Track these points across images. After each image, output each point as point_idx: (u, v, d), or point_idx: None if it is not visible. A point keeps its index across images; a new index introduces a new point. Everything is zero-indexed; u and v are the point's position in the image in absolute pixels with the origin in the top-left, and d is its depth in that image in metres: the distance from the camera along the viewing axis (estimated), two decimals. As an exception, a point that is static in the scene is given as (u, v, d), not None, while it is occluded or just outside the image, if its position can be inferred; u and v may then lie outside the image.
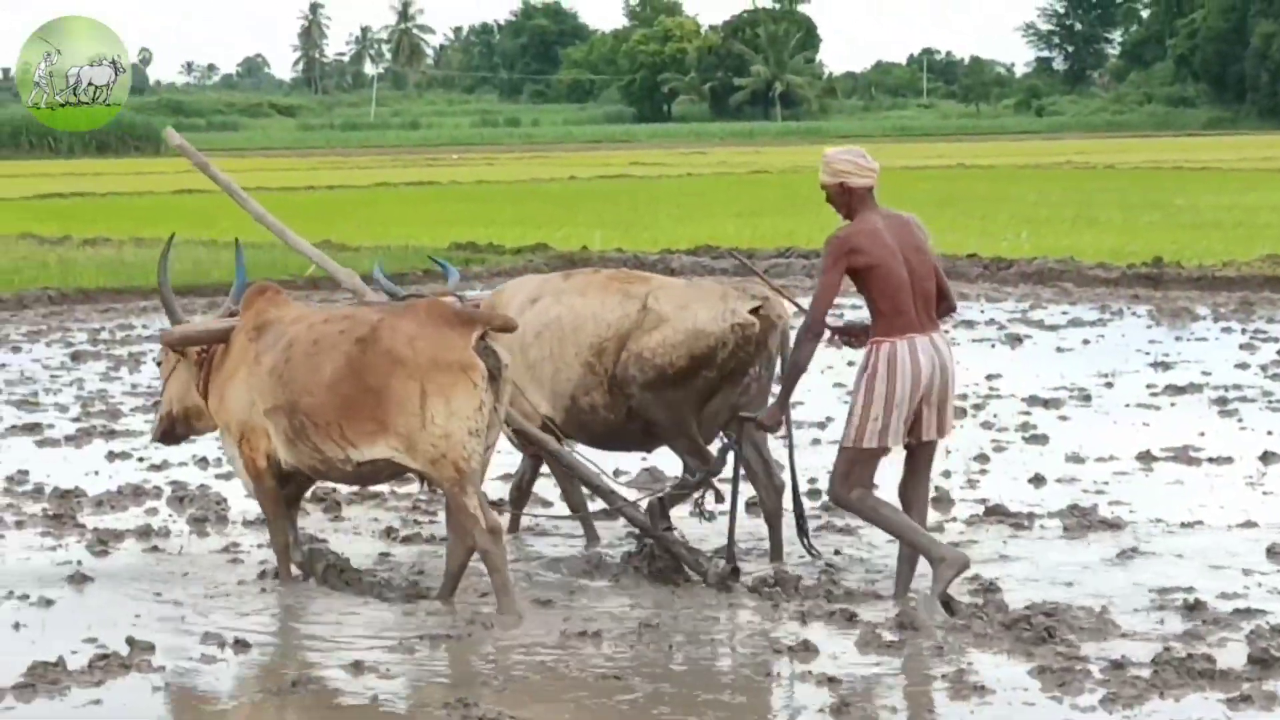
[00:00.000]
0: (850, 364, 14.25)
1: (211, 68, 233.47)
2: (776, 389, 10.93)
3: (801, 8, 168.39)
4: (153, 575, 11.34)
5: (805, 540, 11.18)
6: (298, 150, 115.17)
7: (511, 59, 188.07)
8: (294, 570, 11.05)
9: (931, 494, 11.20)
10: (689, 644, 9.53)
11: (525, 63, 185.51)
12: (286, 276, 27.81)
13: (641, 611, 10.17)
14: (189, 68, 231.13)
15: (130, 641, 9.54)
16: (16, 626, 10.13)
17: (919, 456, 10.48)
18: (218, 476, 14.21)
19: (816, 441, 15.34)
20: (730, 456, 11.34)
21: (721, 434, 11.55)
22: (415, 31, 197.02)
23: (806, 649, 9.38)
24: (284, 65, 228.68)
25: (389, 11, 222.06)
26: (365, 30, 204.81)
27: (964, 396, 17.16)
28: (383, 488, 13.03)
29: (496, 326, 10.37)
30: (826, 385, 18.17)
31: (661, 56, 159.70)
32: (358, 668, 9.18)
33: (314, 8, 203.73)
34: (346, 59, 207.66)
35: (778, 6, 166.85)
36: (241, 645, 9.61)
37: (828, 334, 10.52)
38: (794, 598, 10.43)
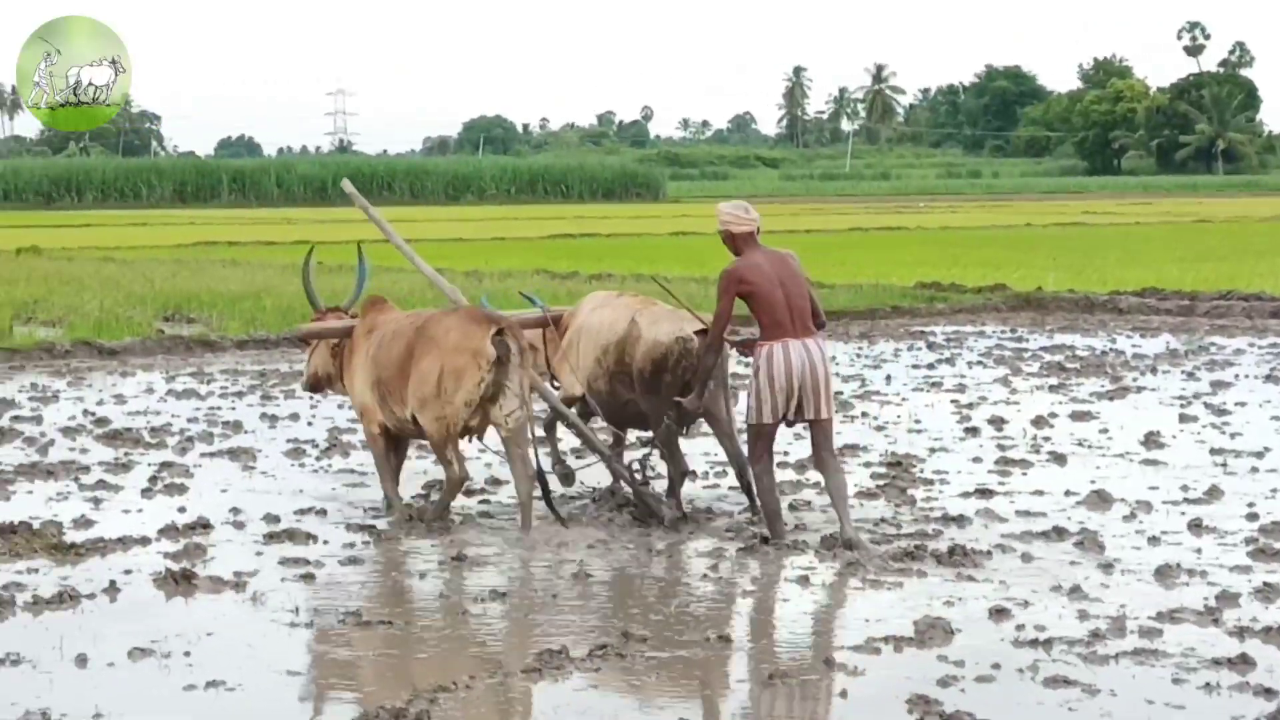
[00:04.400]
0: None
1: (705, 124, 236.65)
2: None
3: (1244, 71, 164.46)
4: (646, 574, 11.42)
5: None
6: (780, 198, 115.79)
7: (974, 117, 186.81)
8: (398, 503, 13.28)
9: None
10: (1131, 655, 9.23)
11: (987, 120, 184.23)
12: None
13: (1091, 623, 9.90)
14: (685, 124, 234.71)
15: (625, 634, 9.61)
16: (527, 616, 10.28)
17: (816, 432, 12.18)
18: (705, 487, 14.28)
19: (1254, 470, 14.84)
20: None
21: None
22: (888, 92, 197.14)
23: (1245, 661, 9.03)
24: (769, 122, 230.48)
25: (864, 74, 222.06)
26: (843, 91, 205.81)
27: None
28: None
29: (510, 326, 12.54)
30: (1265, 418, 17.63)
31: (1113, 115, 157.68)
32: (829, 665, 9.08)
33: (797, 71, 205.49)
34: (825, 116, 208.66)
35: (1222, 70, 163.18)
36: (724, 640, 9.60)
37: (729, 347, 12.93)
38: (1231, 610, 10.10)
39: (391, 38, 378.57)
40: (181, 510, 13.35)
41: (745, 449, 12.69)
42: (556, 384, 13.98)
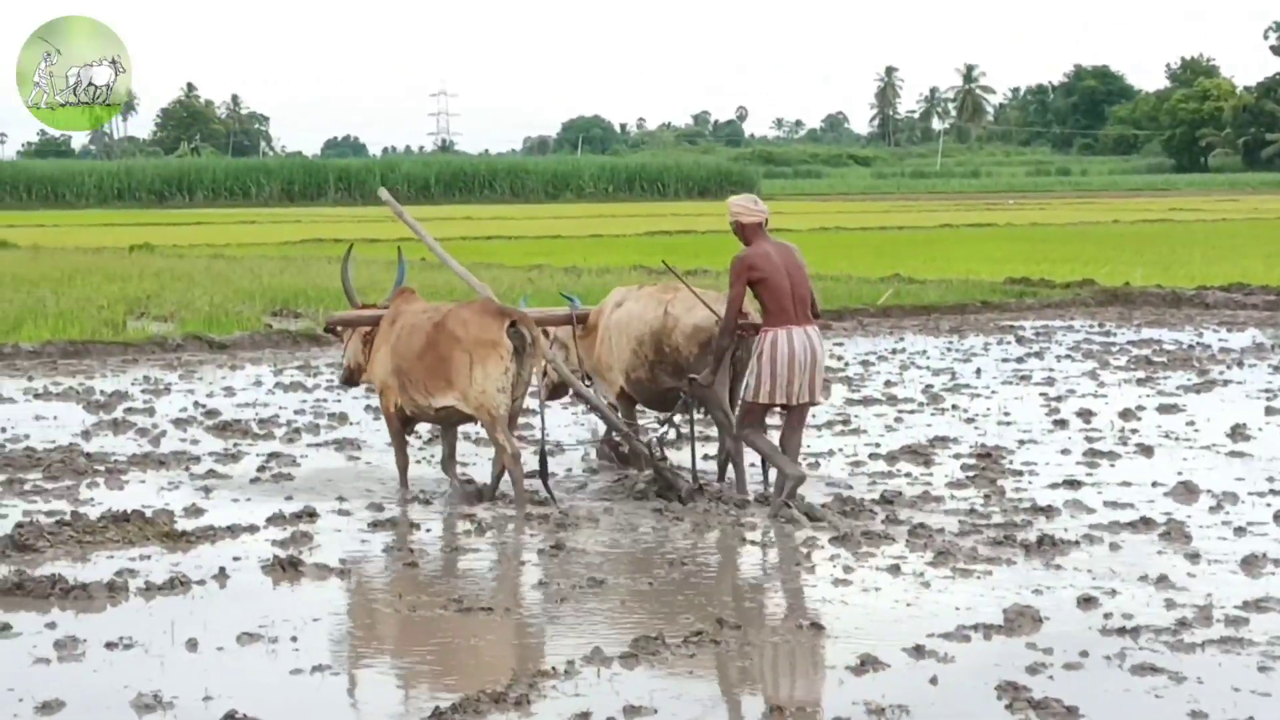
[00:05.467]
0: None
1: (798, 123, 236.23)
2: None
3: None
4: (740, 562, 11.40)
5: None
6: (871, 195, 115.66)
7: (1063, 115, 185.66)
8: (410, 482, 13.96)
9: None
10: (1217, 644, 9.14)
11: (1076, 119, 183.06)
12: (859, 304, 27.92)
13: (1178, 612, 9.81)
14: (779, 123, 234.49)
15: (719, 620, 9.60)
16: (623, 603, 10.29)
17: (794, 414, 12.88)
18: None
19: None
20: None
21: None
22: (978, 91, 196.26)
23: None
24: (862, 121, 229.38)
25: (955, 74, 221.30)
26: (934, 90, 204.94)
27: None
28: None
29: (522, 318, 13.20)
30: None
31: (1200, 114, 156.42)
32: (919, 651, 9.05)
33: (889, 71, 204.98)
34: (917, 115, 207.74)
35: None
36: (816, 627, 9.57)
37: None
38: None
39: (493, 40, 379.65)
40: (289, 499, 13.45)
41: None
42: (589, 382, 14.59)
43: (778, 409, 13.08)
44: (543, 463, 13.50)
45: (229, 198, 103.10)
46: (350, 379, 14.99)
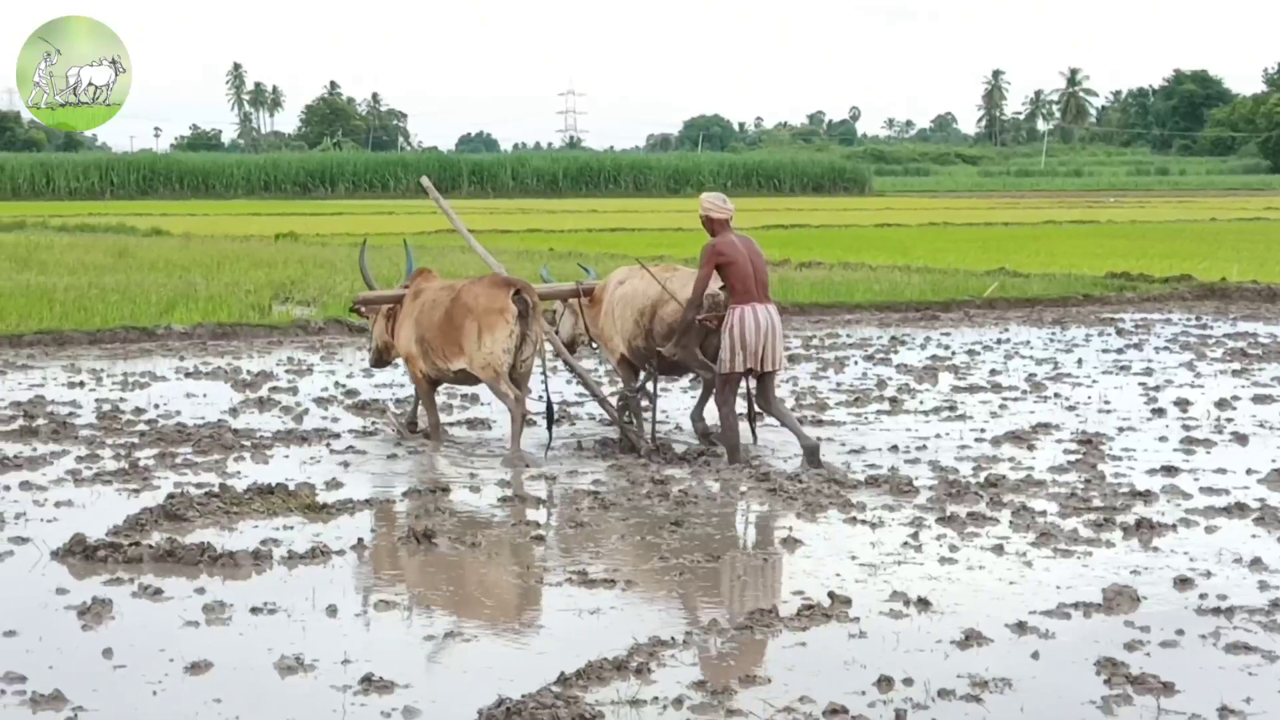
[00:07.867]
0: None
1: (909, 123, 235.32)
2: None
3: None
4: (851, 541, 11.35)
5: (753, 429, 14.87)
6: (978, 193, 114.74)
7: (1163, 118, 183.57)
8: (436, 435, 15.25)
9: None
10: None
11: (1175, 121, 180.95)
12: (966, 296, 27.78)
13: (1271, 593, 9.69)
14: (890, 123, 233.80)
15: (831, 595, 9.57)
16: (739, 577, 10.28)
17: (765, 381, 14.19)
18: (906, 461, 14.18)
19: None
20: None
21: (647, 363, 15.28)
22: (1081, 94, 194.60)
23: None
24: (969, 121, 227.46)
25: (1059, 77, 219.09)
26: (1038, 93, 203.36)
27: None
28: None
29: (525, 286, 14.43)
30: None
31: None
32: (1021, 627, 8.98)
33: (996, 74, 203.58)
34: (1022, 117, 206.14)
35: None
36: (923, 603, 9.52)
37: (701, 316, 14.26)
38: None
39: (619, 42, 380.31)
40: (423, 474, 13.52)
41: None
42: (595, 347, 15.98)
43: (751, 377, 14.22)
44: (549, 413, 14.57)
45: (368, 190, 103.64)
46: (380, 360, 16.18)
